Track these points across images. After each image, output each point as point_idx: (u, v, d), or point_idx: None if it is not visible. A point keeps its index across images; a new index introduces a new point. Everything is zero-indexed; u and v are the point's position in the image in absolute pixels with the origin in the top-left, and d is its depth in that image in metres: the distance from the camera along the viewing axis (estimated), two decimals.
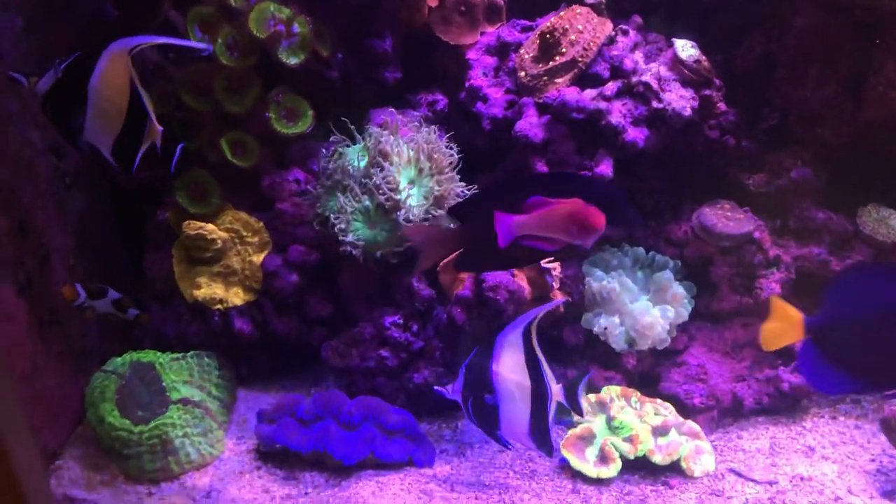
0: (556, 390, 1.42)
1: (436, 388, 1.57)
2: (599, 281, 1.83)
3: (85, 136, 1.46)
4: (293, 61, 1.79)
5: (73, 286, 1.73)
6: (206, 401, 1.81)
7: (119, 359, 1.83)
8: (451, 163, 1.82)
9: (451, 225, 1.70)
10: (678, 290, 1.83)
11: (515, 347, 1.41)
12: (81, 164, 1.89)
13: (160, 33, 1.85)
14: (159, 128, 1.50)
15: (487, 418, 1.44)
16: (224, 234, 1.86)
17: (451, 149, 1.84)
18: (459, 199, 1.80)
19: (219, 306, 1.87)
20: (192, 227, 1.83)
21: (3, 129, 1.62)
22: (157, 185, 1.93)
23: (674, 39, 1.82)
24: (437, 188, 1.79)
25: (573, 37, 1.80)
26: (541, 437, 1.43)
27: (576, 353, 1.92)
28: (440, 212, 1.79)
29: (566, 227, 1.28)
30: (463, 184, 1.84)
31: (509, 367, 1.41)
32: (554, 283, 1.79)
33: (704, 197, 1.91)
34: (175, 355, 1.87)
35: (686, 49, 1.79)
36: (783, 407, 1.84)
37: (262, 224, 1.89)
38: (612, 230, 1.63)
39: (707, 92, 1.81)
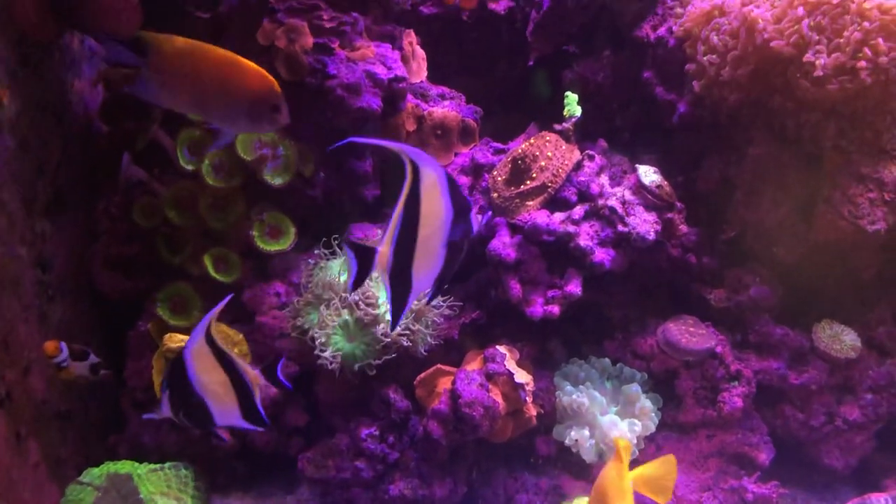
0: (253, 376, 1.55)
1: (145, 415, 1.69)
2: (570, 395, 1.89)
3: None
4: (278, 182, 1.87)
5: (59, 343, 1.74)
6: None
7: (96, 469, 1.83)
8: None
9: None
10: (646, 403, 1.90)
11: (204, 353, 1.54)
12: (65, 276, 1.93)
13: (147, 153, 1.93)
14: None
15: (202, 419, 1.56)
16: None
17: None
18: (438, 315, 1.88)
19: None
20: (173, 339, 1.86)
21: None
22: (139, 295, 1.98)
23: (637, 165, 1.94)
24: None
25: (543, 163, 1.90)
26: (253, 417, 1.56)
27: (549, 463, 1.97)
28: (417, 326, 1.85)
29: None
30: (440, 297, 1.91)
31: (205, 370, 1.53)
32: (527, 398, 1.85)
33: (669, 311, 2.01)
34: (153, 466, 1.87)
35: (648, 175, 1.90)
36: None
37: (242, 336, 1.93)
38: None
39: (669, 215, 1.92)
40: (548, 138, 1.95)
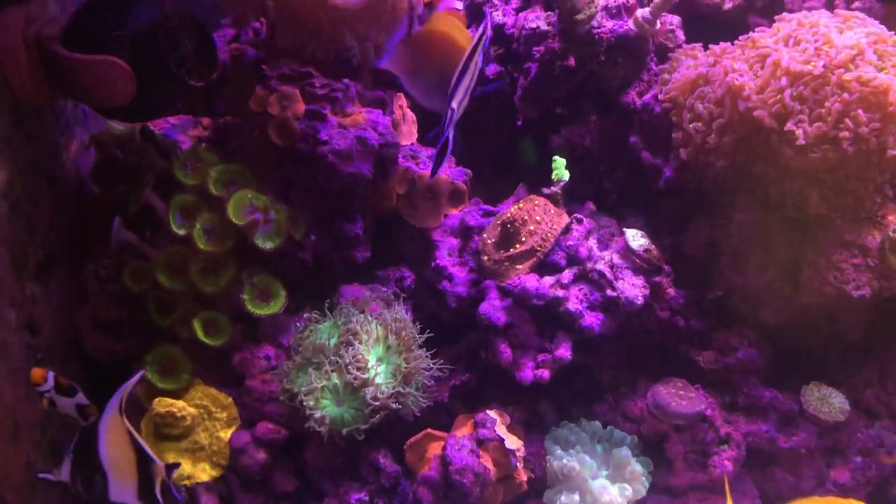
0: (159, 466, 1.60)
1: (40, 474, 1.69)
2: (560, 459, 1.89)
3: None
4: (269, 246, 1.88)
5: (46, 373, 1.71)
6: None
7: None
8: (417, 342, 1.89)
9: None
10: (636, 467, 1.89)
11: (119, 428, 1.58)
12: (54, 339, 1.92)
13: (139, 216, 1.94)
14: None
15: (98, 491, 1.59)
16: (193, 411, 1.89)
17: (418, 325, 1.93)
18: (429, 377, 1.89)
19: (185, 482, 1.88)
20: (163, 404, 1.85)
21: None
22: (128, 358, 1.96)
23: (624, 229, 1.96)
24: (404, 365, 1.86)
25: (532, 227, 1.93)
26: (148, 501, 1.59)
27: None
28: (408, 389, 1.85)
29: None
30: (430, 360, 1.91)
31: (115, 444, 1.58)
32: (518, 464, 1.84)
33: (658, 372, 2.01)
34: None
35: (636, 239, 1.93)
36: None
37: (231, 400, 1.92)
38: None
39: (657, 279, 1.94)
40: (536, 202, 1.97)
